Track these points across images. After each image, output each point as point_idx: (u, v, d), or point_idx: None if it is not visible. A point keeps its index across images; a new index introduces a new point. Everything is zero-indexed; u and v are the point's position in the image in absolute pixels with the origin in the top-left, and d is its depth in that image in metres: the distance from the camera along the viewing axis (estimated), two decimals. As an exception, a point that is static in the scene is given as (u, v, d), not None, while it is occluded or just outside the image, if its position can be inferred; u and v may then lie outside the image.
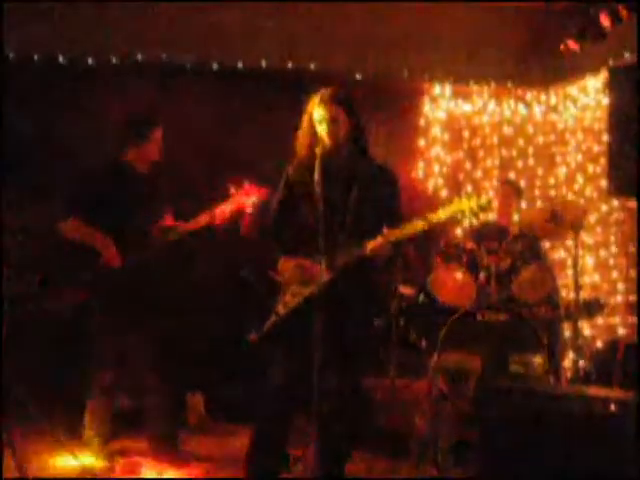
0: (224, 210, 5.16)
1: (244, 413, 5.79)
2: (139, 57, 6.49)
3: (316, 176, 3.94)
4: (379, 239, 4.02)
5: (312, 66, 6.71)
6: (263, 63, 6.66)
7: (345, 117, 4.15)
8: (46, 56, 6.39)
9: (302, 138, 4.24)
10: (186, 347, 6.05)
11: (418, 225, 4.01)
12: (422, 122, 7.61)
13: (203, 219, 5.18)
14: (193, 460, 5.25)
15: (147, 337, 5.19)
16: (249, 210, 5.11)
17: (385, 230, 4.03)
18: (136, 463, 5.15)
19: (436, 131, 7.61)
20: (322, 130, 4.12)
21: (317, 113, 4.14)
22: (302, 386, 3.87)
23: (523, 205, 7.18)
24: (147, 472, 5.06)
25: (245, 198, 5.12)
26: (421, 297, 6.44)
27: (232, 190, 5.18)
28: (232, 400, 6.25)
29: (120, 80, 6.52)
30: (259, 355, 4.20)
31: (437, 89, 7.54)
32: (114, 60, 6.47)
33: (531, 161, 7.73)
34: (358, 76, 6.92)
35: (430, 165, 7.62)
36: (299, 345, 3.93)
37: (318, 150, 4.02)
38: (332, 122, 4.11)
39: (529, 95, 7.70)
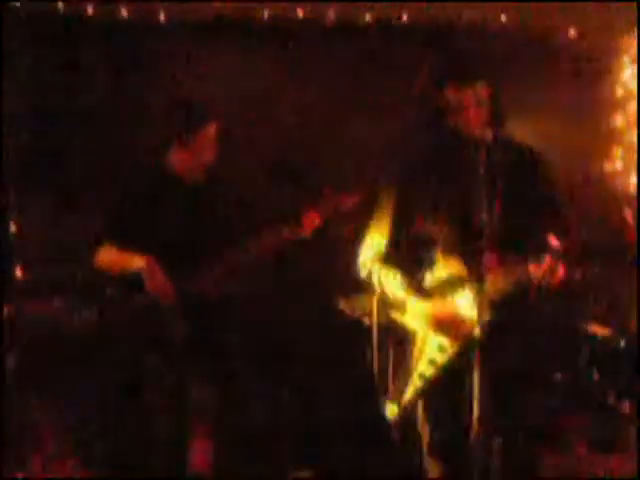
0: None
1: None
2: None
3: (443, 175, 3.59)
4: (547, 259, 3.50)
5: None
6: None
7: (487, 95, 3.68)
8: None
9: (421, 126, 3.83)
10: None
11: None
12: (619, 93, 6.47)
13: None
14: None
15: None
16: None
17: (552, 241, 3.51)
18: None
19: (639, 106, 6.71)
20: (458, 117, 3.64)
21: (451, 96, 3.65)
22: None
23: None
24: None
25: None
26: (622, 341, 5.58)
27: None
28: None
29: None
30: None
31: (642, 47, 6.57)
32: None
33: None
34: (517, 33, 6.03)
35: (631, 152, 6.48)
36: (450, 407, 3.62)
37: (447, 141, 3.65)
38: (475, 107, 3.66)
39: None
